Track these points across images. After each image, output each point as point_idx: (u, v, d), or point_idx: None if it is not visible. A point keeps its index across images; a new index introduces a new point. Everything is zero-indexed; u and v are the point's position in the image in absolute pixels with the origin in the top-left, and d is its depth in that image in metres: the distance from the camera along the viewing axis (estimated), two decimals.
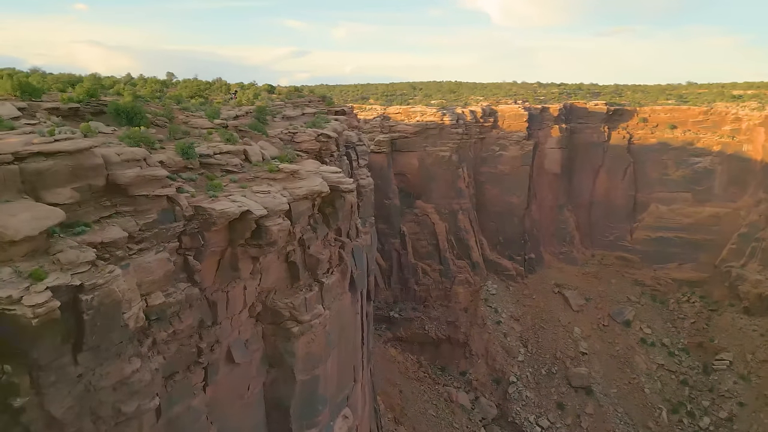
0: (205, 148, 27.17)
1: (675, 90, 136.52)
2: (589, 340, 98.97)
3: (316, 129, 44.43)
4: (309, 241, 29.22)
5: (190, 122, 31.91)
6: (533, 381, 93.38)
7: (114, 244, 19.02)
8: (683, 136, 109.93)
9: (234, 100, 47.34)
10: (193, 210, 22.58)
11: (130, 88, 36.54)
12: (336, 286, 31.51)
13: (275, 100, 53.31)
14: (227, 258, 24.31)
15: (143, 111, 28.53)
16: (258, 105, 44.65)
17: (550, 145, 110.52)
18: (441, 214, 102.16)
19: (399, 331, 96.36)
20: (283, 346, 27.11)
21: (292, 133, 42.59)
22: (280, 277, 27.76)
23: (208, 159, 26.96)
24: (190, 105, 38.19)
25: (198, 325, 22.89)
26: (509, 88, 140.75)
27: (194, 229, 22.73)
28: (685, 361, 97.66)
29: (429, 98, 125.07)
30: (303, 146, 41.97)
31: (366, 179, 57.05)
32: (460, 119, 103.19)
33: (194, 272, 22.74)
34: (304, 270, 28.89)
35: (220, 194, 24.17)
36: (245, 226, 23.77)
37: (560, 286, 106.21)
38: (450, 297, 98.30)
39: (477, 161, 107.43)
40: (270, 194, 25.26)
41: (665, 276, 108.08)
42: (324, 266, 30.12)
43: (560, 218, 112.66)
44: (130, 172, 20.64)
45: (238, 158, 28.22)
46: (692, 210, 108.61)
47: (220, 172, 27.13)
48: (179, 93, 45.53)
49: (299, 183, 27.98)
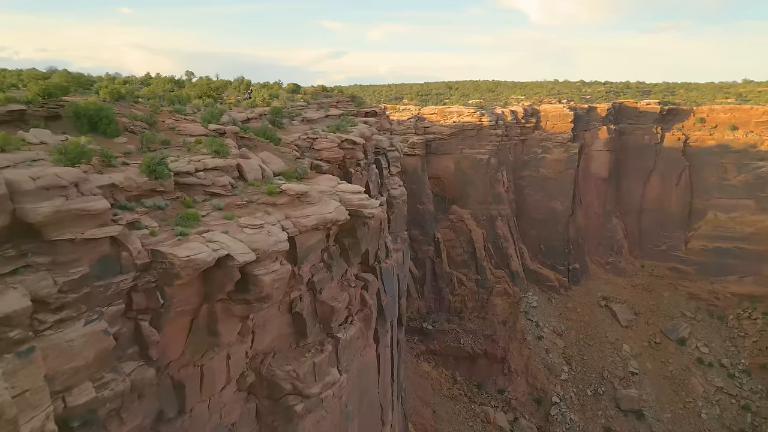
0: (184, 164, 20.15)
1: (731, 88, 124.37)
2: (639, 359, 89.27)
3: (340, 134, 37.23)
4: (321, 283, 22.01)
5: (178, 128, 25.02)
6: (578, 402, 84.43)
7: (6, 320, 12.10)
8: (745, 138, 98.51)
9: (248, 100, 40.47)
10: (149, 256, 15.56)
11: (117, 85, 30.04)
12: (357, 339, 24.21)
13: (298, 101, 46.35)
14: (202, 319, 17.27)
15: (111, 114, 21.71)
16: (273, 106, 37.67)
17: (597, 148, 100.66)
18: (478, 220, 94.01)
19: (432, 343, 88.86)
20: (284, 430, 19.89)
21: (312, 139, 35.52)
22: (281, 334, 20.64)
23: (187, 178, 19.95)
24: (186, 107, 31.34)
25: (154, 422, 15.86)
26: (551, 87, 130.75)
27: (150, 283, 15.71)
28: (746, 384, 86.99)
29: (466, 98, 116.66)
30: (324, 154, 34.89)
31: (398, 189, 49.66)
32: (499, 120, 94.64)
33: (150, 345, 15.74)
34: (313, 323, 21.69)
35: (193, 231, 17.10)
36: (225, 276, 16.66)
37: (607, 299, 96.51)
38: (487, 309, 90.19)
39: (517, 164, 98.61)
40: (263, 228, 18.07)
41: (723, 290, 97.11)
42: (341, 315, 22.86)
43: (608, 226, 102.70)
44: (46, 205, 13.68)
45: (228, 176, 21.12)
46: (755, 219, 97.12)
47: (203, 196, 20.08)
48: (186, 93, 38.91)
49: (308, 209, 20.75)
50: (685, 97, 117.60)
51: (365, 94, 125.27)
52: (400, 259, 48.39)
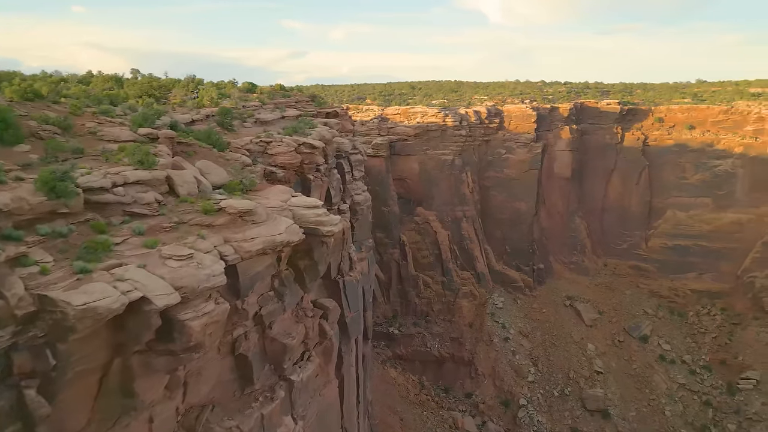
0: (98, 177, 16.17)
1: (686, 88, 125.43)
2: (604, 358, 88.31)
3: (297, 137, 33.51)
4: (271, 316, 18.38)
5: (101, 132, 20.92)
6: (545, 403, 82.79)
7: None
8: (702, 137, 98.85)
9: (195, 100, 36.26)
10: (35, 303, 11.68)
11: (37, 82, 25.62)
12: (315, 377, 20.63)
13: (252, 101, 42.26)
14: (114, 377, 13.44)
15: (11, 116, 17.53)
16: (222, 106, 33.65)
17: (560, 148, 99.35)
18: (443, 221, 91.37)
19: (399, 348, 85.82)
20: None
21: (265, 143, 31.74)
22: (221, 382, 16.91)
23: (101, 195, 15.99)
24: (119, 107, 27.06)
25: None
26: (514, 87, 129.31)
27: (38, 339, 11.84)
28: (707, 380, 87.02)
29: (429, 98, 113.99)
30: (279, 160, 31.17)
31: (362, 194, 46.15)
32: (463, 120, 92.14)
33: (38, 420, 11.86)
34: (262, 364, 18.03)
35: (99, 266, 13.25)
36: (141, 324, 12.89)
37: (572, 299, 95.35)
38: (453, 311, 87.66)
39: (482, 165, 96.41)
40: (193, 259, 14.34)
41: (683, 287, 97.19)
42: (295, 352, 19.26)
43: (571, 226, 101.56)
44: None
45: (155, 191, 17.23)
46: (712, 216, 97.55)
47: (121, 217, 16.16)
48: (124, 92, 34.47)
49: (253, 230, 17.07)
50: (642, 97, 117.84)
51: (327, 94, 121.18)
52: (366, 269, 44.95)
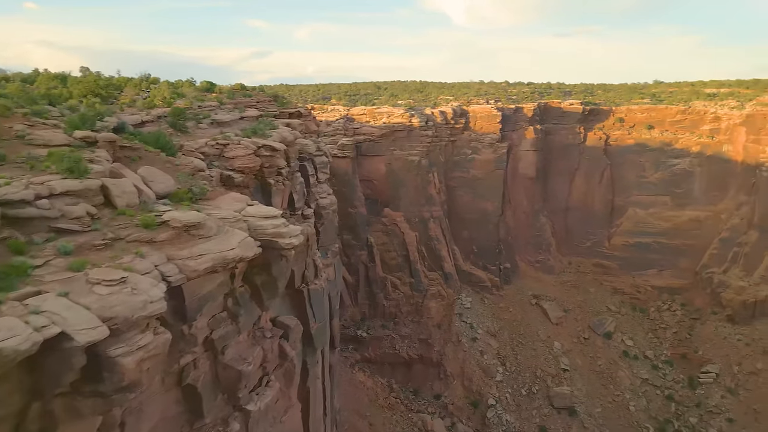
0: (19, 188, 13.95)
1: (644, 89, 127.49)
2: (570, 355, 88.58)
3: (257, 138, 31.46)
4: (224, 340, 16.43)
5: (30, 136, 18.53)
6: (513, 403, 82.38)
7: None
8: (661, 137, 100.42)
9: (146, 99, 33.74)
10: None
11: None
12: (275, 403, 18.65)
13: (210, 100, 39.84)
14: (32, 425, 11.35)
15: None
16: (176, 106, 31.29)
17: (525, 148, 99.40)
18: (411, 222, 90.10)
19: (367, 351, 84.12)
20: None
21: (222, 146, 29.55)
22: (166, 417, 14.88)
23: (22, 209, 13.78)
24: (56, 108, 24.52)
25: None
26: (478, 87, 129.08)
27: None
28: (669, 375, 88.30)
29: (395, 98, 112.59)
30: (237, 163, 29.04)
31: (327, 198, 44.28)
32: (429, 120, 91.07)
33: None
34: (213, 394, 16.07)
35: (11, 295, 11.14)
36: (61, 364, 10.85)
37: (538, 297, 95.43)
38: (422, 312, 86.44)
39: (448, 165, 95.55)
40: (126, 284, 12.32)
41: (645, 283, 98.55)
42: (252, 379, 17.29)
43: (536, 225, 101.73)
44: None
45: (87, 204, 15.06)
46: (671, 214, 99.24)
47: (45, 234, 13.98)
48: (67, 91, 31.74)
49: (201, 246, 15.11)
50: (603, 97, 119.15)
51: (291, 94, 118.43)
52: (332, 275, 43.10)
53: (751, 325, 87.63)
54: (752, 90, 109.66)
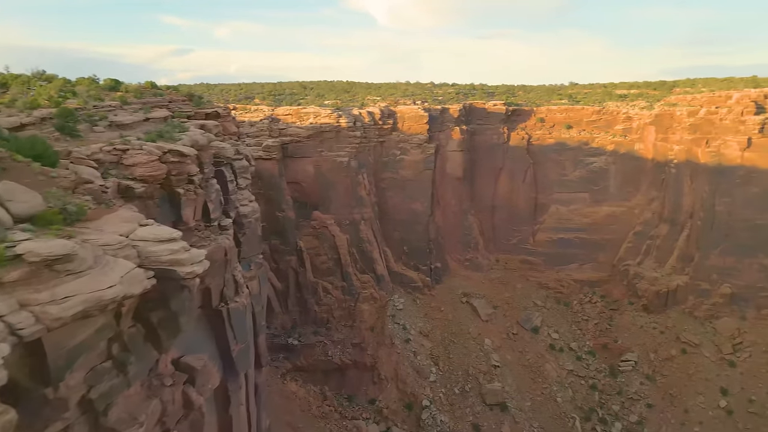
0: None
1: (561, 90, 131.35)
2: (500, 352, 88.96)
3: (163, 143, 27.38)
4: (107, 397, 12.88)
5: None
6: (447, 402, 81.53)
7: None
8: (579, 136, 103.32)
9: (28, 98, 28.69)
10: None
11: None
12: None
13: (112, 99, 34.99)
14: None
15: None
16: (63, 107, 26.65)
17: (452, 148, 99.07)
18: (341, 225, 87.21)
19: (299, 359, 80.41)
20: None
21: (121, 151, 25.32)
22: None
23: None
24: None
25: None
26: (405, 88, 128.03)
27: None
28: (592, 365, 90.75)
29: (322, 98, 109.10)
30: (138, 172, 24.93)
31: (249, 205, 40.29)
32: (357, 121, 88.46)
33: None
34: None
35: None
36: None
37: (468, 295, 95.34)
38: (355, 316, 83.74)
39: (378, 166, 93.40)
40: None
41: (567, 277, 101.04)
42: None
43: (464, 224, 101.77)
44: None
45: None
46: (590, 210, 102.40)
47: None
48: None
49: (67, 285, 11.54)
50: (524, 98, 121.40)
51: (212, 93, 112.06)
52: (256, 289, 39.37)
53: (665, 313, 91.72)
54: (659, 91, 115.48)
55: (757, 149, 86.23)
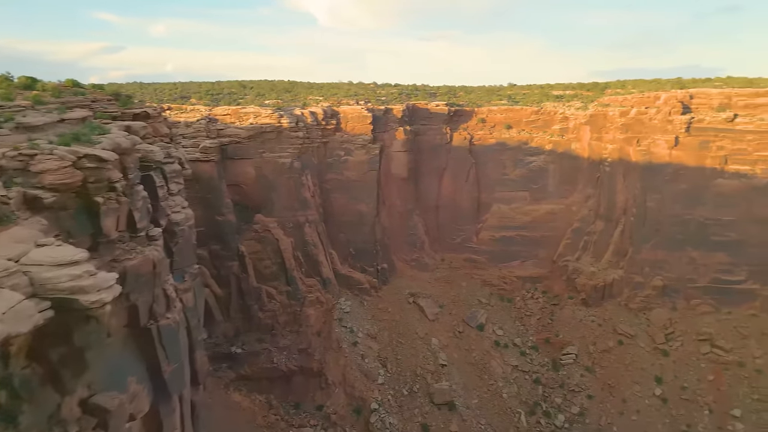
0: None
1: (501, 91, 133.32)
2: (447, 350, 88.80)
3: (79, 146, 24.43)
4: None
5: None
6: (395, 404, 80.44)
7: None
8: (518, 136, 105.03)
9: None
10: None
11: None
12: None
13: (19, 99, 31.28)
14: None
15: None
16: None
17: (396, 149, 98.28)
18: (285, 228, 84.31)
19: (243, 368, 77.04)
20: None
21: (27, 157, 22.32)
22: None
23: None
24: None
25: None
26: (347, 88, 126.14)
27: None
28: (536, 359, 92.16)
29: (262, 98, 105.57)
30: (48, 179, 22.09)
31: (182, 213, 37.34)
32: (299, 121, 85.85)
33: None
34: None
35: None
36: None
37: (414, 295, 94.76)
38: (300, 321, 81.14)
39: (322, 167, 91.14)
40: None
41: (510, 274, 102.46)
42: None
43: (410, 224, 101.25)
44: None
45: None
46: (530, 208, 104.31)
47: None
48: None
49: None
50: (465, 99, 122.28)
51: (145, 93, 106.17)
52: (191, 301, 36.53)
53: (602, 306, 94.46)
54: (592, 92, 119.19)
55: (683, 148, 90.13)
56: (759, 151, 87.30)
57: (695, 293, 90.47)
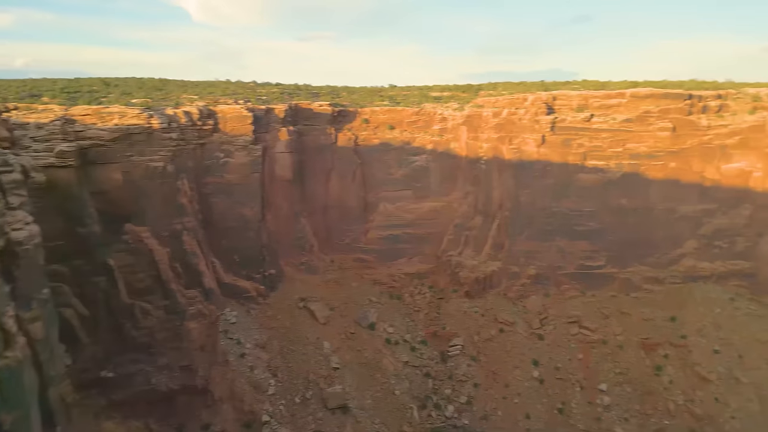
0: None
1: (383, 92, 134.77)
2: (339, 353, 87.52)
3: None
4: None
5: None
6: (288, 414, 77.63)
7: None
8: (401, 136, 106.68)
9: None
10: None
11: None
12: None
13: None
14: None
15: None
16: None
17: (280, 150, 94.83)
18: (160, 237, 77.38)
19: (116, 393, 69.71)
20: None
21: None
22: None
23: None
24: None
25: None
26: (225, 86, 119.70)
27: None
28: (425, 353, 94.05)
29: (129, 96, 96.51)
30: None
31: (25, 229, 31.95)
32: (172, 122, 79.45)
33: None
34: None
35: None
36: None
37: (305, 300, 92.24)
38: (181, 337, 75.17)
39: (200, 171, 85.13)
40: None
41: (398, 272, 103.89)
42: None
43: (297, 227, 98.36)
44: None
45: None
46: (414, 206, 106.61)
47: None
48: None
49: None
50: (348, 99, 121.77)
51: None
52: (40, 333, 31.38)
53: (484, 297, 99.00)
54: (467, 94, 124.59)
55: (549, 145, 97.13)
56: (612, 147, 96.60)
57: (564, 279, 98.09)
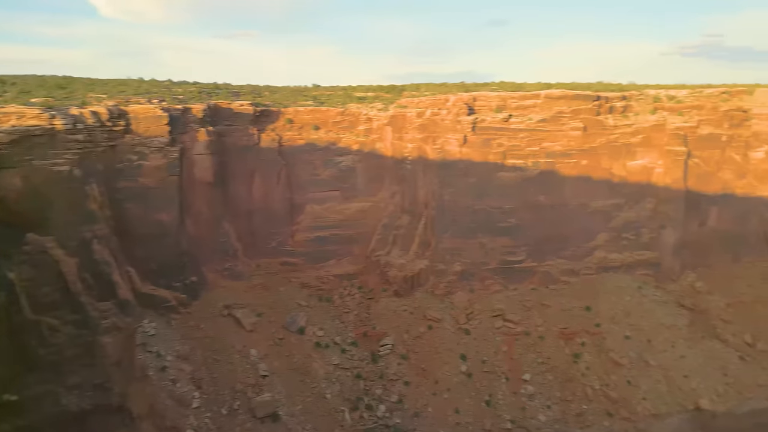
0: None
1: (306, 91, 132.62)
2: (267, 360, 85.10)
3: None
4: None
5: None
6: (214, 427, 74.31)
7: None
8: (327, 137, 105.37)
9: None
10: None
11: None
12: None
13: None
14: None
15: None
16: None
17: (199, 151, 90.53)
18: (67, 247, 71.42)
19: (21, 418, 63.76)
20: None
21: None
22: None
23: None
24: None
25: None
26: (137, 85, 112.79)
27: None
28: (356, 355, 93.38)
29: (27, 95, 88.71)
30: None
31: None
32: (78, 122, 73.77)
33: None
34: None
35: None
36: None
37: (229, 307, 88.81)
38: (94, 353, 69.87)
39: (110, 175, 79.54)
40: None
41: (327, 274, 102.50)
42: None
43: (220, 232, 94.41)
44: None
45: None
46: (342, 207, 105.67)
47: None
48: None
49: None
50: (271, 99, 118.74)
51: None
52: None
53: (413, 295, 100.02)
54: (391, 94, 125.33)
55: (471, 145, 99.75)
56: (529, 146, 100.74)
57: (488, 274, 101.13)
